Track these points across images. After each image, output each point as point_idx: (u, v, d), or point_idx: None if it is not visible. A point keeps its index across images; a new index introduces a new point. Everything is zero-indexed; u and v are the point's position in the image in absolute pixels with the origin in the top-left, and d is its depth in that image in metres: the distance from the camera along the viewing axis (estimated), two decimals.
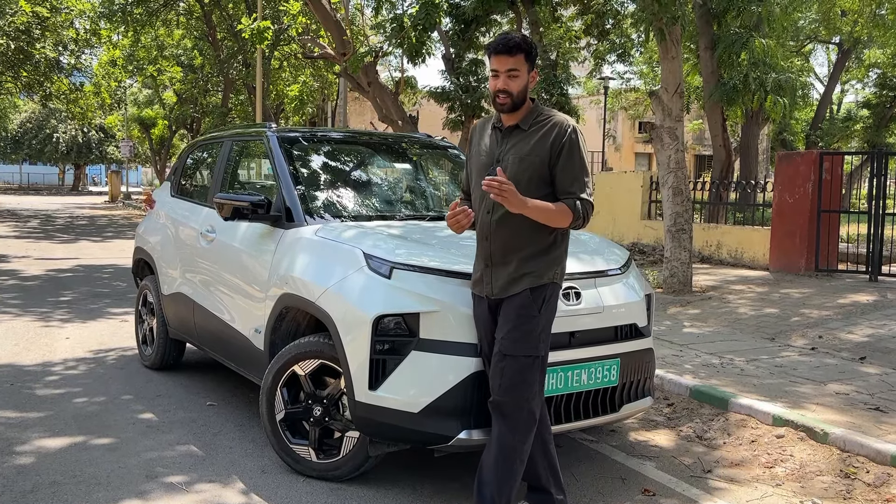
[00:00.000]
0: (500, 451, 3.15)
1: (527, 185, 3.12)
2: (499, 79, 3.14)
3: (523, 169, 3.15)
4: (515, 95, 3.15)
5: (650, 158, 35.94)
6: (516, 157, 3.17)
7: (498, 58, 3.13)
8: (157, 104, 35.02)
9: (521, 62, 3.13)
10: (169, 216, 5.84)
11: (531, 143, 3.18)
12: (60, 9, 22.40)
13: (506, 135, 3.24)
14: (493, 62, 3.15)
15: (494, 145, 3.26)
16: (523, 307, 3.16)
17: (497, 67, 3.14)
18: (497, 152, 3.23)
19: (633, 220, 13.56)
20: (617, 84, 24.66)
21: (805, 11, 20.39)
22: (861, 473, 3.95)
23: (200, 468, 3.97)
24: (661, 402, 5.13)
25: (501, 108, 3.17)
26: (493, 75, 3.17)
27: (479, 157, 3.32)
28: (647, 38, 11.05)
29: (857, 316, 7.48)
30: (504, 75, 3.13)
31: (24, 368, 5.88)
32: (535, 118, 3.22)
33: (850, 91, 34.59)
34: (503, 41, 3.13)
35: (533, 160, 3.16)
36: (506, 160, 3.18)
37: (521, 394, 3.13)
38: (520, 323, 3.14)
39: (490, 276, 3.21)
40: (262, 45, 15.00)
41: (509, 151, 3.20)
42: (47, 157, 52.93)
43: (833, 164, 10.10)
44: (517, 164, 3.16)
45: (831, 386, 5.31)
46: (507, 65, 3.12)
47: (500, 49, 3.12)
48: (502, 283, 3.19)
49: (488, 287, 3.22)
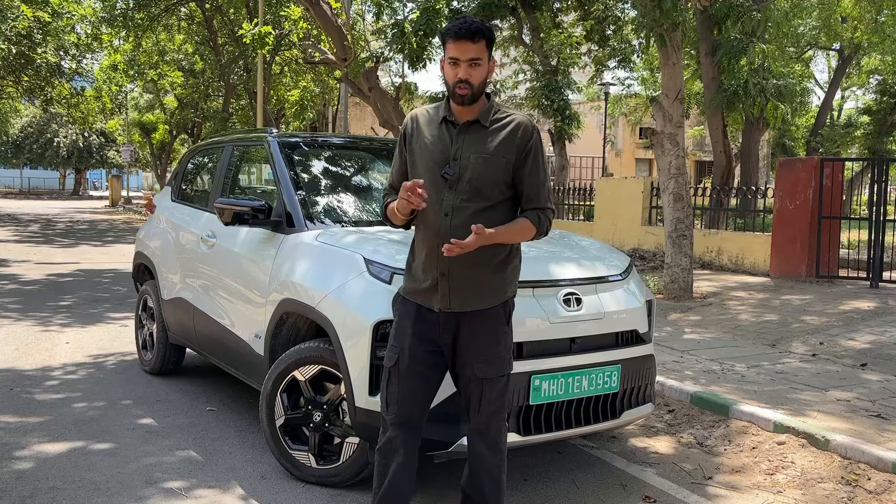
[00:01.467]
0: (489, 475, 3.06)
1: (490, 188, 2.90)
2: (459, 67, 2.84)
3: (490, 171, 2.90)
4: (476, 87, 2.86)
5: (651, 164, 35.97)
6: (479, 156, 2.90)
7: (459, 44, 2.83)
8: (157, 109, 35.05)
9: (483, 50, 2.86)
10: (169, 221, 5.84)
11: (495, 142, 2.91)
12: (62, 14, 22.45)
13: (462, 130, 2.93)
14: (452, 49, 2.85)
15: (447, 141, 2.93)
16: (495, 325, 2.98)
17: (457, 55, 2.84)
18: (453, 149, 2.91)
19: (634, 226, 13.56)
20: (618, 90, 24.67)
21: (805, 18, 20.42)
22: (862, 481, 3.94)
23: (200, 474, 3.96)
24: (661, 409, 5.12)
25: (461, 100, 2.87)
26: (451, 63, 2.86)
27: (427, 152, 2.96)
28: (647, 44, 11.04)
29: (858, 322, 7.47)
30: (465, 64, 2.83)
31: (24, 373, 5.87)
32: (495, 115, 2.96)
33: (850, 97, 34.65)
34: (465, 26, 2.83)
35: (499, 162, 2.90)
36: (465, 159, 2.90)
37: (502, 414, 3.03)
38: (494, 342, 2.97)
39: (447, 288, 2.90)
40: (263, 51, 15.03)
41: (469, 149, 2.91)
42: (48, 161, 53.00)
43: (834, 170, 10.11)
44: (482, 165, 2.89)
45: (832, 393, 5.30)
46: (469, 52, 2.83)
47: (463, 34, 2.82)
48: (462, 298, 2.91)
49: (444, 300, 2.91)
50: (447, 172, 2.88)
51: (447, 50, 2.88)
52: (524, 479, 4.00)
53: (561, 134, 17.14)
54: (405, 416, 3.00)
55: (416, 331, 2.96)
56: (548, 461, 4.26)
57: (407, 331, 2.98)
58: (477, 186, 2.90)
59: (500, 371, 2.99)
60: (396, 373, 2.98)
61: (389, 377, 3.00)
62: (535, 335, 3.54)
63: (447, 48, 2.88)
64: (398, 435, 3.01)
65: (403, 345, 2.97)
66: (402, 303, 3.05)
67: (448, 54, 2.88)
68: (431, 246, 2.91)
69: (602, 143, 27.32)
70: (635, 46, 17.60)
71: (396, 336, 3.01)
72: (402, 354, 2.97)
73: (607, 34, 17.57)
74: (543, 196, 2.99)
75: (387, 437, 3.02)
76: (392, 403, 3.00)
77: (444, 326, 2.95)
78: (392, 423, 3.01)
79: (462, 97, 2.87)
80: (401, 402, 2.99)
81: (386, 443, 3.03)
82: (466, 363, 2.96)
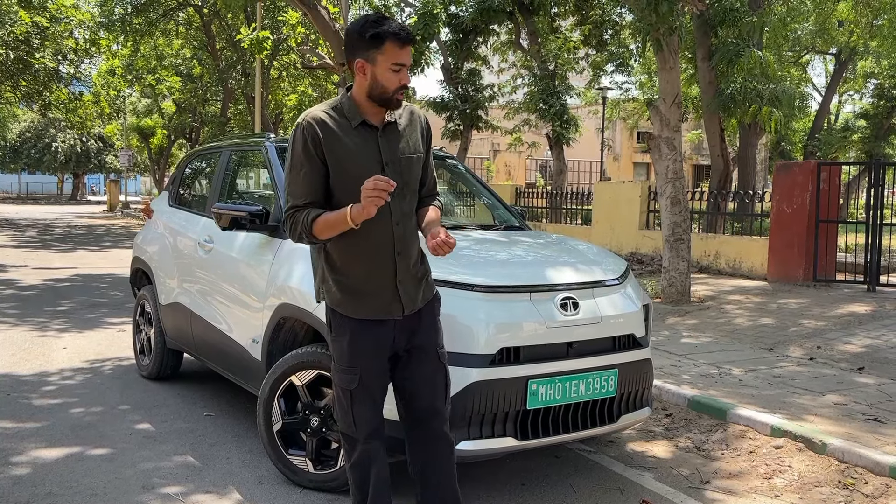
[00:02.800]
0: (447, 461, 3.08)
1: (413, 192, 2.95)
2: (402, 73, 2.78)
3: (416, 170, 2.93)
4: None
5: (648, 168, 36.01)
6: (405, 158, 2.89)
7: (405, 49, 2.76)
8: (155, 113, 35.10)
9: None
10: (167, 226, 5.84)
11: (409, 140, 2.92)
12: (60, 18, 22.47)
13: (382, 133, 2.86)
14: (398, 54, 2.75)
15: (372, 146, 2.83)
16: (438, 310, 3.06)
17: (405, 61, 2.77)
18: (384, 155, 2.84)
19: (632, 230, 13.57)
20: (615, 94, 24.75)
21: (802, 22, 20.47)
22: (860, 485, 3.94)
23: (197, 479, 3.96)
24: (659, 413, 5.12)
25: (398, 104, 2.84)
26: (395, 70, 2.76)
27: (355, 158, 2.81)
28: (644, 49, 11.07)
29: (855, 326, 7.48)
30: (406, 70, 2.79)
31: (21, 378, 5.86)
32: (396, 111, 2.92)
33: (847, 101, 34.74)
34: (406, 30, 2.76)
35: (419, 159, 2.94)
36: (396, 163, 2.85)
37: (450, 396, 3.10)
38: (439, 327, 3.05)
39: (403, 294, 2.89)
40: (261, 55, 15.05)
41: (395, 152, 2.86)
42: (46, 166, 53.02)
43: (831, 174, 10.12)
44: (409, 167, 2.89)
45: (829, 397, 5.30)
46: (409, 58, 2.82)
47: (406, 39, 2.75)
48: (414, 295, 2.93)
49: (409, 304, 2.91)
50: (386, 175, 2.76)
51: (389, 54, 2.74)
52: (522, 483, 4.00)
53: (559, 138, 17.17)
54: (373, 429, 3.00)
55: (374, 347, 2.91)
56: (545, 465, 4.26)
57: (365, 351, 2.90)
58: (413, 189, 2.94)
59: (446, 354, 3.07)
60: (360, 394, 2.93)
61: (352, 398, 2.94)
62: (532, 339, 3.54)
63: (389, 52, 2.74)
64: (370, 447, 3.01)
65: (362, 365, 2.91)
66: (350, 323, 2.89)
67: (393, 59, 2.75)
68: (384, 260, 2.86)
69: (600, 148, 27.37)
70: (633, 51, 17.65)
71: (352, 357, 2.90)
72: (363, 375, 2.91)
73: (605, 38, 17.63)
74: (436, 183, 3.11)
75: (360, 452, 3.00)
76: (360, 423, 2.96)
77: (401, 331, 2.93)
78: (353, 445, 3.01)
79: (399, 102, 2.85)
80: (368, 419, 2.98)
81: (361, 456, 3.01)
82: (430, 353, 2.99)
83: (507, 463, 4.23)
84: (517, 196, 17.13)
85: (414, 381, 3.01)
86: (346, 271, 2.89)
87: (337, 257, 2.90)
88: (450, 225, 4.92)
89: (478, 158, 32.34)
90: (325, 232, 2.79)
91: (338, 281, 2.91)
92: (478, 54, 17.56)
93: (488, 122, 17.42)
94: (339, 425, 3.04)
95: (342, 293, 2.90)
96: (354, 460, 3.02)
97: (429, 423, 3.04)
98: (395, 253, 2.86)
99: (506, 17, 16.80)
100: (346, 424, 2.99)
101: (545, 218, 16.49)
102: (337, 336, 2.95)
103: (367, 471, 3.01)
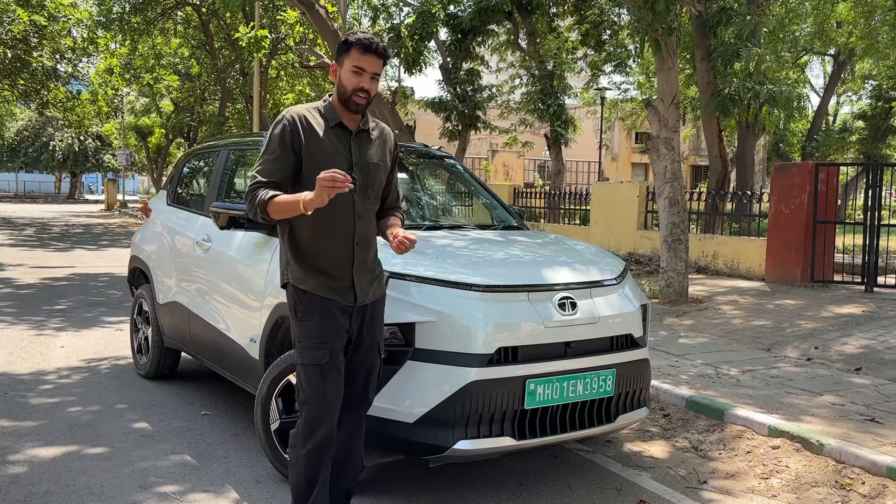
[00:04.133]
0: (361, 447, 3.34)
1: (376, 195, 3.21)
2: (363, 77, 3.05)
3: (381, 177, 3.21)
4: (370, 98, 3.11)
5: (647, 168, 36.04)
6: (373, 163, 3.17)
7: (369, 57, 3.05)
8: (153, 113, 35.03)
9: (381, 67, 3.11)
10: (165, 225, 5.84)
11: (378, 150, 3.22)
12: (58, 17, 22.43)
13: (354, 138, 3.15)
14: (360, 59, 3.05)
15: (344, 147, 3.12)
16: (384, 307, 3.29)
17: (365, 66, 3.04)
18: (354, 157, 3.13)
19: (630, 231, 13.58)
20: (614, 94, 24.74)
21: (800, 23, 20.49)
22: (856, 485, 3.95)
23: (194, 478, 3.96)
24: (656, 413, 5.12)
25: (357, 108, 3.09)
26: (355, 72, 3.05)
27: (328, 156, 3.07)
28: (643, 49, 11.08)
29: (852, 327, 7.49)
30: (368, 76, 3.06)
31: (18, 377, 5.86)
32: (367, 122, 3.21)
33: (845, 102, 34.75)
34: (375, 42, 3.06)
35: (385, 168, 3.23)
36: (364, 166, 3.14)
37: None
38: (382, 324, 3.28)
39: (357, 284, 3.12)
40: (259, 55, 15.04)
41: (363, 157, 3.15)
42: (44, 165, 52.92)
43: (829, 175, 10.13)
44: (375, 172, 3.18)
45: (827, 397, 5.31)
46: (375, 67, 3.07)
47: (374, 49, 3.05)
48: (366, 289, 3.16)
49: (362, 294, 3.13)
50: (355, 179, 3.03)
51: (353, 58, 3.06)
52: (519, 483, 4.00)
53: (557, 138, 17.17)
54: (332, 413, 3.09)
55: (339, 327, 3.09)
56: (543, 465, 4.26)
57: (333, 328, 3.07)
58: (376, 191, 3.21)
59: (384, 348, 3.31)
60: (330, 369, 3.06)
61: (323, 374, 3.05)
62: (530, 339, 3.54)
63: (353, 56, 3.05)
64: (328, 434, 3.09)
65: (332, 341, 3.07)
66: (318, 301, 3.07)
67: (354, 62, 3.05)
68: (345, 247, 3.10)
69: (598, 148, 27.38)
70: (631, 51, 17.65)
71: (323, 333, 3.06)
72: (332, 350, 3.06)
73: (603, 39, 17.62)
74: (400, 197, 3.44)
75: (325, 434, 3.08)
76: (332, 399, 3.08)
77: (354, 319, 3.14)
78: (323, 422, 3.08)
79: (358, 105, 3.09)
80: (329, 399, 3.08)
81: (325, 438, 3.09)
82: (371, 346, 3.21)
83: (505, 463, 4.24)
84: (515, 196, 17.13)
85: (353, 368, 3.19)
86: (309, 253, 3.10)
87: (302, 241, 3.10)
88: (448, 224, 4.94)
89: (476, 158, 32.34)
90: (278, 212, 2.99)
91: (301, 261, 3.10)
92: (476, 54, 17.55)
93: (486, 122, 17.42)
94: (307, 407, 3.09)
95: (306, 272, 3.09)
96: (313, 446, 3.09)
97: (356, 407, 3.24)
98: (355, 243, 3.11)
99: (504, 17, 16.79)
100: (318, 401, 3.07)
101: (543, 218, 16.49)
102: (305, 315, 3.09)
103: (325, 455, 3.12)
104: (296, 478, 3.14)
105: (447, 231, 4.65)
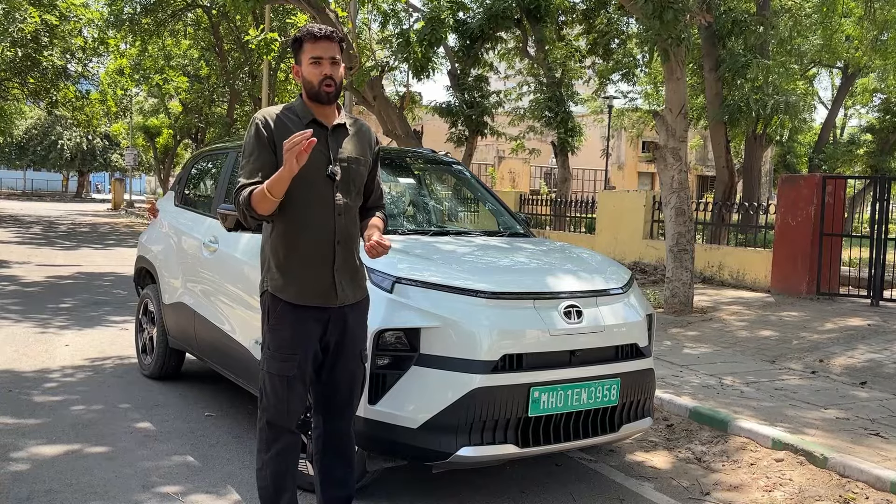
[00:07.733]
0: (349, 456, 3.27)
1: (358, 191, 3.14)
2: (322, 65, 3.00)
3: (362, 173, 3.14)
4: (338, 84, 3.04)
5: (653, 178, 36.00)
6: (352, 158, 3.10)
7: (321, 44, 2.99)
8: (162, 113, 35.11)
9: (338, 51, 3.04)
10: (172, 226, 5.85)
11: (358, 145, 3.15)
12: (69, 17, 22.52)
13: (331, 134, 3.08)
14: (313, 49, 2.99)
15: (321, 143, 3.00)
16: (367, 312, 3.22)
17: (321, 53, 2.99)
18: (332, 152, 3.05)
19: (636, 240, 13.56)
20: (621, 103, 24.69)
21: (809, 36, 20.47)
22: (860, 499, 3.93)
23: (196, 479, 3.96)
24: (660, 423, 5.11)
25: (328, 97, 3.03)
26: (313, 63, 2.99)
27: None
28: (651, 59, 11.08)
29: (857, 340, 7.46)
30: (328, 62, 3.00)
31: (23, 375, 5.87)
32: (343, 117, 3.15)
33: (853, 115, 34.70)
34: (322, 28, 3.02)
35: (365, 164, 3.16)
36: (343, 161, 3.07)
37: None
38: (366, 328, 3.23)
39: (339, 284, 3.05)
40: (268, 57, 15.07)
41: (342, 152, 3.08)
42: (51, 163, 53.11)
43: (836, 187, 10.11)
44: (356, 169, 3.11)
45: (831, 411, 5.29)
46: (331, 51, 3.00)
47: (323, 35, 2.99)
48: (348, 289, 3.09)
49: (343, 294, 3.07)
50: (332, 173, 3.01)
51: (306, 52, 3.01)
52: (522, 491, 3.99)
53: (563, 146, 17.17)
54: (293, 420, 3.10)
55: (311, 335, 3.05)
56: (545, 474, 4.25)
57: (304, 338, 3.03)
58: (357, 188, 3.14)
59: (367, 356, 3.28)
60: (296, 381, 3.04)
61: (289, 386, 3.04)
62: (534, 347, 3.54)
63: (306, 49, 3.00)
64: (292, 441, 3.11)
65: (301, 353, 3.04)
66: (292, 311, 3.02)
67: (309, 54, 3.00)
68: (324, 245, 3.03)
69: (605, 156, 27.34)
70: (639, 60, 17.65)
71: (293, 345, 3.03)
72: (301, 362, 3.04)
73: (611, 47, 17.62)
74: (382, 196, 3.36)
75: (287, 442, 3.09)
76: (293, 412, 3.07)
77: (334, 323, 3.08)
78: (285, 427, 3.08)
79: (329, 94, 3.03)
80: (295, 409, 3.08)
81: (288, 446, 3.10)
82: (353, 356, 3.15)
83: (507, 470, 4.23)
84: (521, 203, 17.12)
85: (336, 377, 3.15)
86: (290, 255, 3.03)
87: (282, 243, 3.04)
88: (454, 230, 4.94)
89: (482, 165, 32.34)
90: (261, 202, 2.89)
91: (281, 266, 3.04)
92: (485, 61, 17.57)
93: (494, 128, 17.41)
94: (268, 414, 3.08)
95: (285, 279, 3.03)
96: (279, 450, 3.09)
97: (342, 417, 3.21)
98: (336, 241, 3.04)
99: (513, 25, 16.80)
100: (280, 413, 3.06)
101: (549, 225, 16.47)
102: (277, 324, 3.06)
103: (289, 462, 3.11)
104: (263, 482, 3.13)
105: (453, 237, 4.66)
